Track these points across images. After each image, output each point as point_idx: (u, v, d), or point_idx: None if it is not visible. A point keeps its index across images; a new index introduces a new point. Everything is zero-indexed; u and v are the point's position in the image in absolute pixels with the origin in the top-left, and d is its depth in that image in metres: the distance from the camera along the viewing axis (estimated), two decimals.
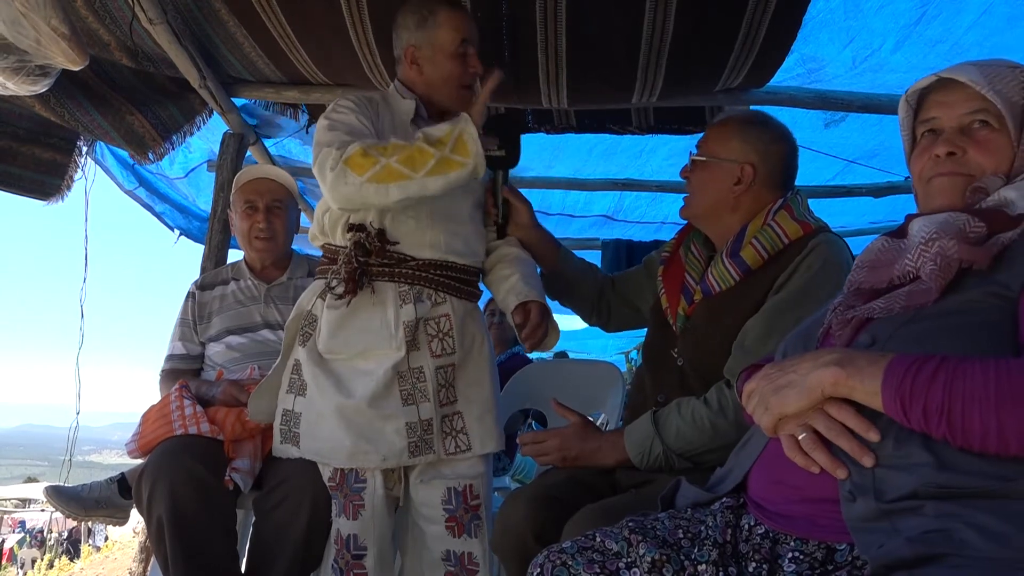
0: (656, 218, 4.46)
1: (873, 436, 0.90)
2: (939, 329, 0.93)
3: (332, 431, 1.77)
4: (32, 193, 3.28)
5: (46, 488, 2.27)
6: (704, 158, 1.67)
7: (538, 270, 1.98)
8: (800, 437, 0.95)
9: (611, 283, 2.00)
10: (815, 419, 0.94)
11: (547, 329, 1.81)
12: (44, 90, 1.98)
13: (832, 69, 2.57)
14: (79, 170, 3.32)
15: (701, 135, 1.75)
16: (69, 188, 3.31)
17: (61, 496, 2.21)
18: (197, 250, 3.45)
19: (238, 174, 2.48)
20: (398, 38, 1.88)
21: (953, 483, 0.85)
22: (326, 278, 1.83)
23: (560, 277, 1.99)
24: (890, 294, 1.00)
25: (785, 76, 2.56)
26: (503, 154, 1.84)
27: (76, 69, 1.86)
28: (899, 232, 1.10)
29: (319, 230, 1.89)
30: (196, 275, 2.68)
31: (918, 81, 1.16)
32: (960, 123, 1.08)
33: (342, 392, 1.77)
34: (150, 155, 3.07)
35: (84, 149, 3.30)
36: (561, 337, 1.85)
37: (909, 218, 1.09)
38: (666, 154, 3.50)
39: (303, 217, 2.63)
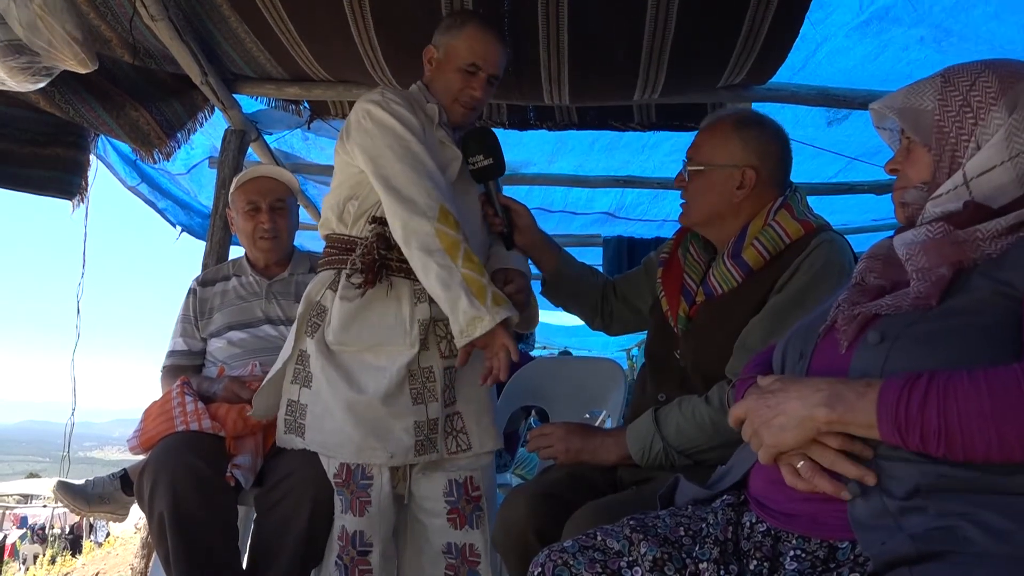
0: (658, 215, 4.46)
1: (867, 453, 0.93)
2: (948, 329, 0.93)
3: (340, 425, 1.77)
4: (61, 194, 3.26)
5: (56, 483, 2.29)
6: (701, 167, 1.63)
7: (538, 275, 1.98)
8: (798, 466, 0.98)
9: (612, 285, 1.99)
10: (812, 452, 0.97)
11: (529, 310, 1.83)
12: (41, 86, 1.98)
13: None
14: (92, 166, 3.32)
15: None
16: (88, 187, 3.29)
17: (67, 491, 2.23)
18: (199, 246, 3.44)
19: (237, 175, 2.48)
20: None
21: (954, 474, 0.86)
22: (335, 268, 1.83)
23: (562, 280, 1.98)
24: (898, 292, 1.01)
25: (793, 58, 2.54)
26: (491, 162, 1.85)
27: (84, 72, 1.87)
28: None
29: (337, 216, 1.86)
30: (198, 271, 2.68)
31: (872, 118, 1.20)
32: (905, 143, 1.12)
33: (353, 387, 1.77)
34: (156, 154, 3.05)
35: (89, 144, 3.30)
36: (562, 334, 1.86)
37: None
38: (668, 149, 3.50)
39: (302, 212, 2.62)
